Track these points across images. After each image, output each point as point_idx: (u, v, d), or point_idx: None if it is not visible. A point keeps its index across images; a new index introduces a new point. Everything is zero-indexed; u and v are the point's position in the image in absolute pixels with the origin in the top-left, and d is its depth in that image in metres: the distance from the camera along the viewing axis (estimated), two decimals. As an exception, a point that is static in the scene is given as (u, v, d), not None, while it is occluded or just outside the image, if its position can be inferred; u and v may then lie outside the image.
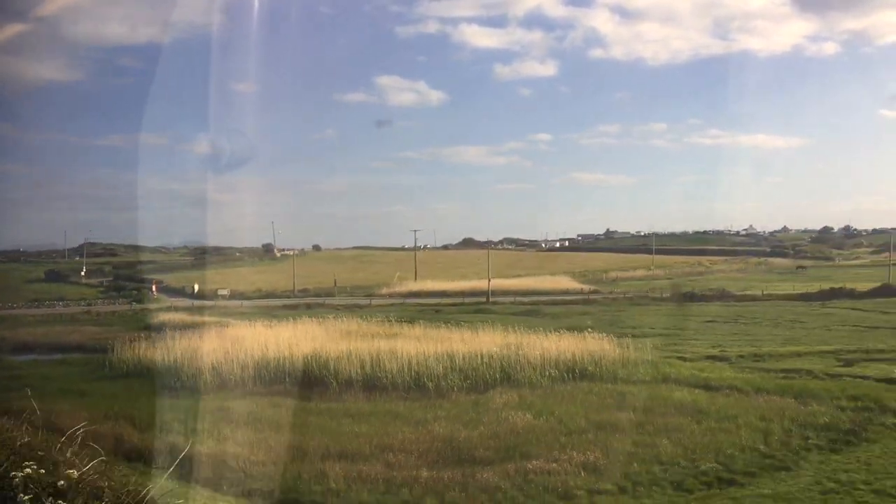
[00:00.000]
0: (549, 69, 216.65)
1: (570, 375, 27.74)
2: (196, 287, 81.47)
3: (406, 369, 26.83)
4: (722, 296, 64.85)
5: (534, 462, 17.35)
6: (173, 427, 21.00)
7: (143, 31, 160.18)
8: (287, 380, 26.97)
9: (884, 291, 61.80)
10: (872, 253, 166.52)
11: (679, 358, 32.90)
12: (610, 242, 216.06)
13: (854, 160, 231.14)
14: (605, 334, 33.65)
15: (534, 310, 58.39)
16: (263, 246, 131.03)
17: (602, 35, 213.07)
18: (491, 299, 68.59)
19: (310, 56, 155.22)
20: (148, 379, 28.54)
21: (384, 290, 79.50)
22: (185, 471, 17.60)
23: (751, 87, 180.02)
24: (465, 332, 35.07)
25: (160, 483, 8.72)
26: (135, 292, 75.99)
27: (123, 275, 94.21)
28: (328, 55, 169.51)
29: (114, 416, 22.00)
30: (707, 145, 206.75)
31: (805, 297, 62.30)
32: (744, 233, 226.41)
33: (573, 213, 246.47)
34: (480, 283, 79.50)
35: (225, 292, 77.13)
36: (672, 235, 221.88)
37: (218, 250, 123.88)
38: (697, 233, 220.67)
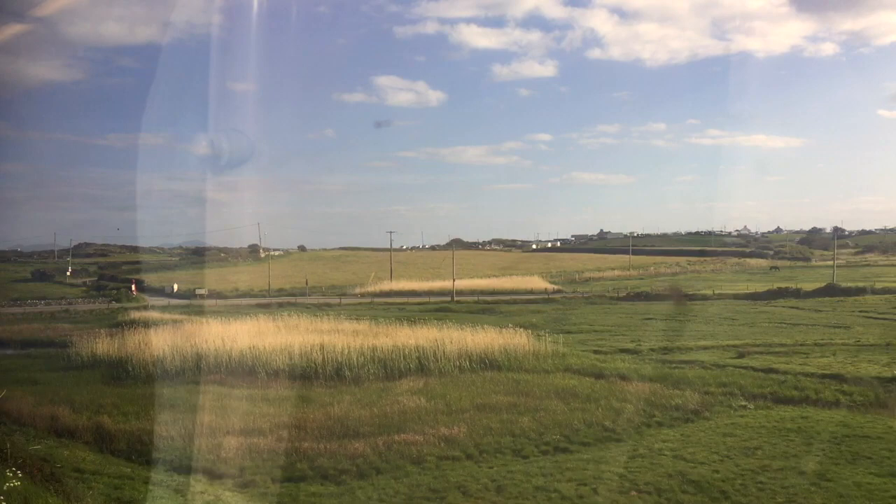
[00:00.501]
0: (548, 69, 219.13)
1: (481, 366, 30.78)
2: (175, 287, 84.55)
3: (330, 361, 29.81)
4: (675, 295, 67.73)
5: (403, 435, 20.33)
6: (105, 409, 24.10)
7: (142, 31, 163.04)
8: (223, 370, 29.94)
9: (827, 291, 64.70)
10: (856, 253, 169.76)
11: (594, 351, 35.86)
12: (601, 243, 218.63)
13: (852, 160, 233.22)
14: (546, 331, 36.99)
15: (491, 308, 61.36)
16: (249, 247, 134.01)
17: (600, 35, 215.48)
18: (456, 298, 71.51)
19: (308, 56, 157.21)
20: (98, 369, 31.62)
21: (358, 290, 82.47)
22: (107, 444, 20.80)
23: (749, 87, 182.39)
24: (404, 329, 38.04)
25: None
26: (114, 291, 78.97)
27: (107, 275, 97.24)
28: (327, 55, 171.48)
29: (57, 401, 24.96)
30: (706, 145, 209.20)
31: (753, 297, 65.21)
32: (735, 234, 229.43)
33: (572, 212, 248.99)
34: (464, 283, 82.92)
35: (203, 291, 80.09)
36: (664, 236, 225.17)
37: (206, 251, 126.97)
38: (691, 233, 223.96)
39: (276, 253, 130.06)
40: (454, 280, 75.55)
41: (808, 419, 22.21)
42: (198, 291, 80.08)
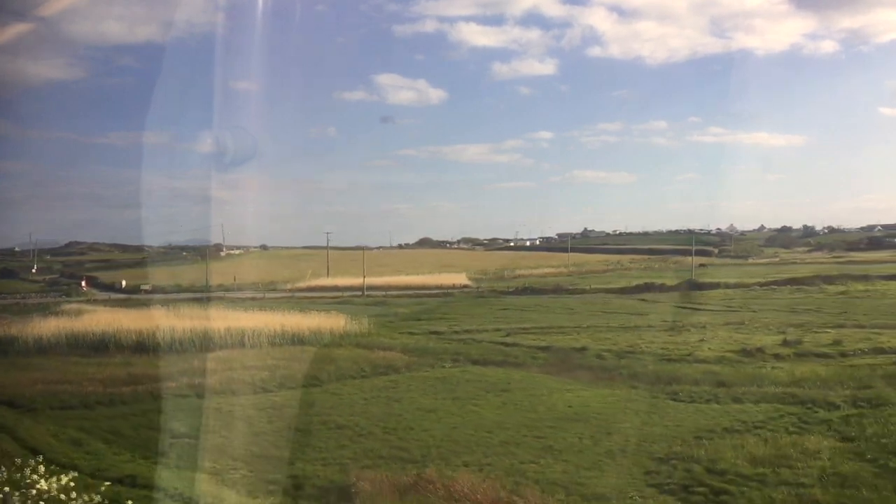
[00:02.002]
0: (548, 67, 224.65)
1: (289, 342, 39.40)
2: (123, 283, 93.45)
3: (162, 338, 38.52)
4: (556, 290, 76.22)
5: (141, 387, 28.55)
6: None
7: (142, 30, 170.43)
8: (79, 343, 38.77)
9: (686, 286, 73.07)
10: (809, 251, 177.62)
11: (408, 333, 44.49)
12: (582, 241, 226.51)
13: (855, 158, 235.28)
14: (372, 316, 45.77)
15: (383, 301, 69.94)
16: (214, 245, 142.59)
17: (600, 34, 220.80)
18: (367, 293, 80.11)
19: (308, 54, 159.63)
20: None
21: (289, 286, 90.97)
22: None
23: (750, 85, 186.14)
24: (266, 315, 46.67)
25: None
26: (66, 287, 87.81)
27: (68, 272, 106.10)
28: (327, 54, 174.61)
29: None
30: (707, 143, 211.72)
31: (622, 291, 73.47)
32: (716, 232, 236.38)
33: (572, 211, 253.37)
34: (384, 279, 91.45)
35: (147, 287, 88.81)
36: (646, 234, 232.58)
37: (172, 250, 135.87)
38: (672, 231, 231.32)
39: (237, 252, 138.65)
40: (364, 277, 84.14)
41: (475, 374, 30.79)
42: (142, 287, 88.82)
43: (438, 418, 22.76)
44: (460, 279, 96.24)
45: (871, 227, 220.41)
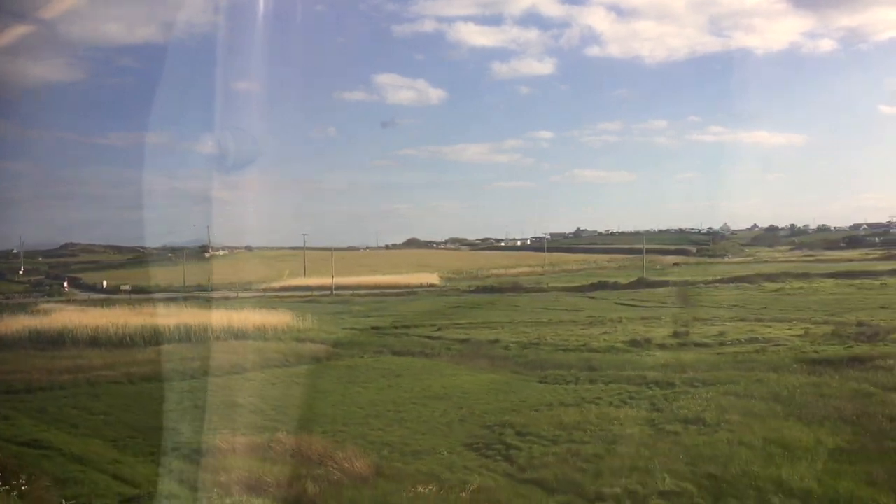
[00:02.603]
0: (547, 67, 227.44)
1: (233, 337, 42.93)
2: (105, 283, 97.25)
3: (115, 334, 42.15)
4: (514, 288, 79.88)
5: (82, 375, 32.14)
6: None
7: (142, 31, 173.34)
8: (40, 338, 42.39)
9: (638, 284, 76.69)
10: (790, 250, 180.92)
11: (351, 328, 48.13)
12: (575, 241, 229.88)
13: (855, 156, 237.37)
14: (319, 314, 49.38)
15: (347, 300, 73.73)
16: (200, 247, 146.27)
17: (598, 33, 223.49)
18: (336, 292, 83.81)
19: (307, 55, 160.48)
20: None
21: (263, 286, 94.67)
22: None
23: (750, 84, 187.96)
24: (222, 313, 50.21)
25: None
26: (47, 287, 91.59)
27: (53, 273, 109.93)
28: (326, 54, 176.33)
29: None
30: (708, 142, 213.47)
31: (577, 289, 77.13)
32: (706, 231, 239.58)
33: (572, 210, 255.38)
34: (357, 279, 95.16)
35: (127, 287, 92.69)
36: (636, 234, 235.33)
37: (165, 251, 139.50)
38: (662, 231, 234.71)
39: (221, 253, 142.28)
40: (332, 277, 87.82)
41: (385, 363, 34.39)
42: (122, 287, 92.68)
43: (324, 398, 26.38)
44: (432, 279, 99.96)
45: (857, 226, 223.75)
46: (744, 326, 40.65)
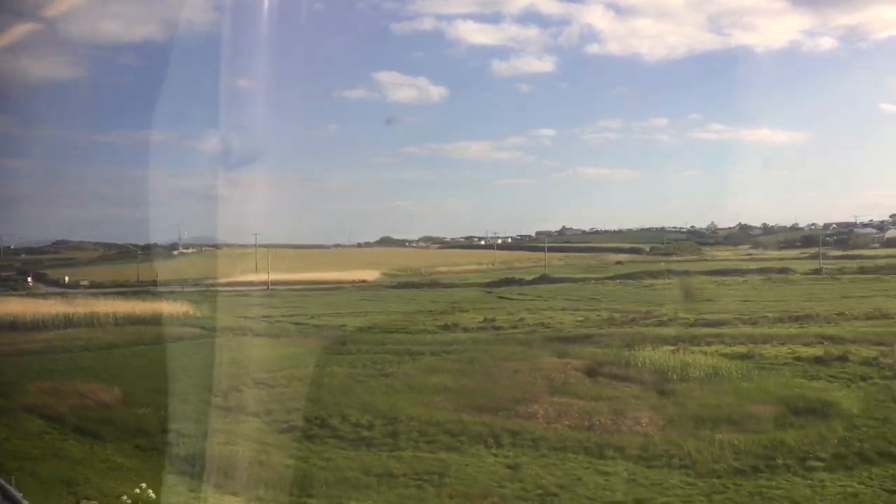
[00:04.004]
0: (546, 65, 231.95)
1: (130, 322, 51.66)
2: (66, 279, 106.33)
3: (32, 319, 50.87)
4: (431, 285, 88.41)
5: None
6: None
7: (141, 29, 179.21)
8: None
9: (541, 280, 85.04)
10: (749, 249, 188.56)
11: (244, 317, 56.73)
12: (558, 239, 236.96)
13: (858, 154, 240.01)
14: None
15: (272, 294, 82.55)
16: (170, 245, 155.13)
17: (597, 31, 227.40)
18: (272, 287, 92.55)
19: (306, 53, 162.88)
20: None
21: (209, 281, 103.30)
22: None
23: (750, 82, 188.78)
24: (134, 303, 59.02)
25: None
26: (13, 282, 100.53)
27: (23, 269, 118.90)
28: (325, 52, 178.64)
29: None
30: (709, 140, 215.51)
31: (487, 285, 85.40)
32: (687, 230, 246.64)
33: (573, 209, 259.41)
34: (298, 275, 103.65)
35: (85, 283, 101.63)
36: (619, 232, 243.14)
37: (132, 248, 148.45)
38: (644, 229, 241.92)
39: (190, 251, 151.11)
40: (269, 274, 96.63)
41: (228, 341, 42.90)
42: (81, 283, 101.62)
43: (138, 362, 35.08)
44: (371, 276, 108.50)
45: (845, 224, 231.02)
46: (550, 314, 49.18)
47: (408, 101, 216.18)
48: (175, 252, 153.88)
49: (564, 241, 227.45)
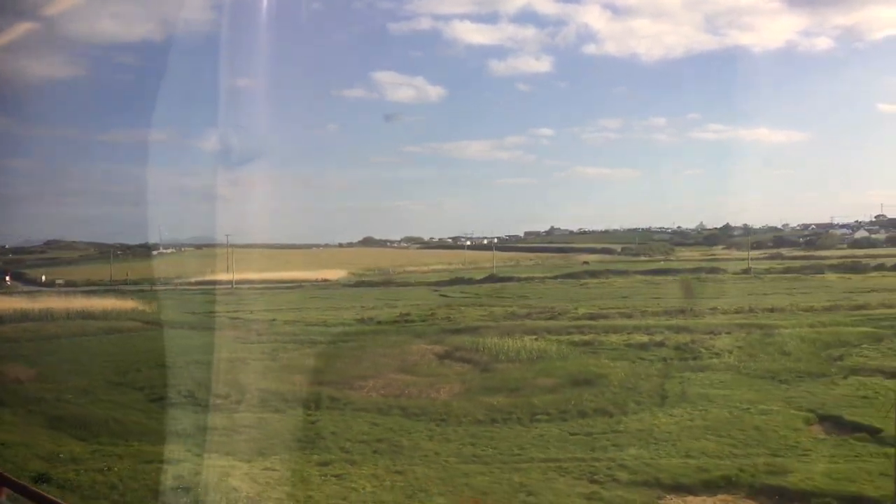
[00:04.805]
0: (544, 65, 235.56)
1: (81, 317, 56.55)
2: (43, 277, 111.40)
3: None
4: (385, 283, 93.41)
5: None
6: None
7: (139, 29, 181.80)
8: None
9: (488, 280, 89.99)
10: (723, 249, 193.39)
11: (191, 313, 61.65)
12: (545, 239, 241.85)
13: (856, 154, 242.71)
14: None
15: (233, 293, 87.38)
16: (150, 245, 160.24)
17: (594, 31, 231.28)
18: (236, 286, 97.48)
19: (305, 52, 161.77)
20: None
21: (178, 280, 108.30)
22: None
23: (748, 82, 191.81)
24: (92, 300, 63.98)
25: None
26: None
27: (3, 268, 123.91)
28: (323, 51, 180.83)
29: None
30: (708, 140, 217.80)
31: (438, 284, 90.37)
32: (672, 230, 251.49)
33: (574, 207, 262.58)
34: (263, 275, 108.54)
35: (61, 281, 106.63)
36: (606, 233, 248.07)
37: (110, 248, 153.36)
38: (630, 230, 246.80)
39: (169, 251, 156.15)
40: (233, 273, 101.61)
41: (161, 333, 47.84)
42: (57, 282, 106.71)
43: (69, 350, 39.99)
44: (337, 275, 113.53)
45: (802, 227, 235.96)
46: (464, 310, 54.23)
47: (406, 101, 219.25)
48: (155, 252, 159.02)
49: (550, 242, 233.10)
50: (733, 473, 17.84)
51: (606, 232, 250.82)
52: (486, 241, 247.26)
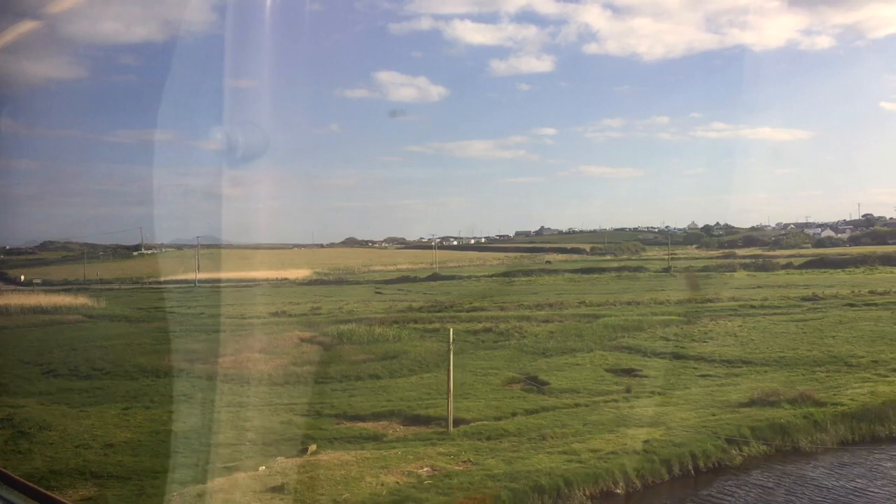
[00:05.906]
0: (546, 65, 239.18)
1: (34, 312, 63.46)
2: (22, 277, 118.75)
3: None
4: (338, 281, 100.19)
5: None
6: None
7: (141, 30, 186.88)
8: None
9: (431, 278, 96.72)
10: (696, 248, 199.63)
11: (138, 308, 68.55)
12: (534, 239, 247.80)
13: (859, 152, 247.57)
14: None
15: (191, 290, 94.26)
16: (133, 246, 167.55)
17: (595, 31, 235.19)
18: (199, 284, 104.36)
19: (307, 53, 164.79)
20: None
21: (150, 279, 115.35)
22: None
23: (749, 80, 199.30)
24: (54, 297, 70.92)
25: None
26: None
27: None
28: (325, 52, 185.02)
29: None
30: (711, 138, 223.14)
31: (387, 282, 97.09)
32: (658, 230, 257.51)
33: (577, 206, 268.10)
34: (232, 273, 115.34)
35: (38, 281, 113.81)
36: (594, 232, 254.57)
37: (90, 249, 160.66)
38: (617, 230, 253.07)
39: (149, 252, 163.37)
40: (196, 273, 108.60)
41: (106, 326, 54.68)
42: (35, 281, 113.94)
43: (4, 338, 46.70)
44: (299, 274, 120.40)
45: (777, 226, 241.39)
46: (374, 304, 60.85)
47: (409, 100, 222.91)
48: (135, 253, 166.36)
49: (543, 242, 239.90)
50: (399, 408, 24.76)
51: (595, 232, 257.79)
52: (473, 241, 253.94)
